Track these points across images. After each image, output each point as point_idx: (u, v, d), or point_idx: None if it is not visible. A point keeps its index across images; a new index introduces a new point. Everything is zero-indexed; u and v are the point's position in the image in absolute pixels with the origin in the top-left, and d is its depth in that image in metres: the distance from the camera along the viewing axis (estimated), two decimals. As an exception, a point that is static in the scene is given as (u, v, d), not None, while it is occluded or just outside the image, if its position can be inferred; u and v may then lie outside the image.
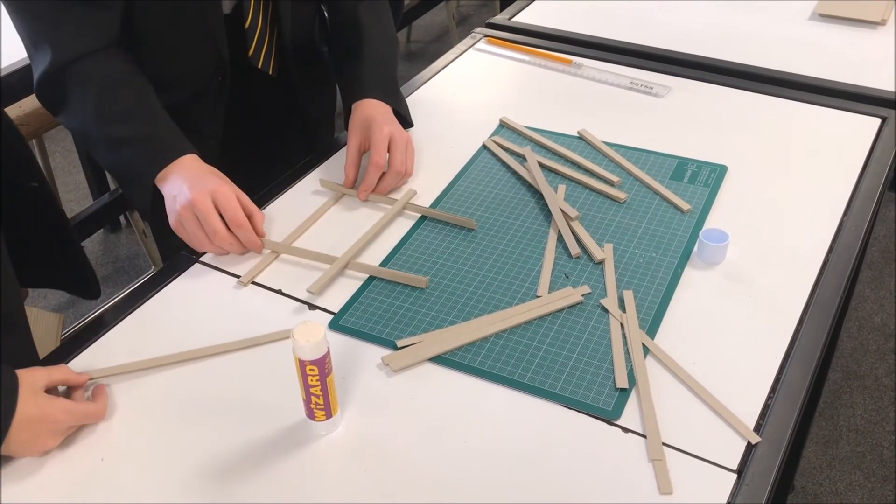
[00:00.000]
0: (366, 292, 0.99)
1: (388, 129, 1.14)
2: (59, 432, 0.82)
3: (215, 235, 1.02)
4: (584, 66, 1.45)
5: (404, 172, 1.15)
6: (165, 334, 0.95)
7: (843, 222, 1.08)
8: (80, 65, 1.06)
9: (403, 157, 1.14)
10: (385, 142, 1.14)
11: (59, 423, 0.81)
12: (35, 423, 0.79)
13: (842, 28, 1.52)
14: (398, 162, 1.14)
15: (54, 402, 0.82)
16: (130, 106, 1.08)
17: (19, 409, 0.78)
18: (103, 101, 1.06)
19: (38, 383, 0.82)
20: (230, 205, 1.02)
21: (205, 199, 1.01)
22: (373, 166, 1.13)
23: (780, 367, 0.88)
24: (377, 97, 1.20)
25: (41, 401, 0.80)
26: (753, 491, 0.76)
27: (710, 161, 1.19)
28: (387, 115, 1.18)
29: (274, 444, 0.82)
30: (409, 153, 1.17)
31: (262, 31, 1.19)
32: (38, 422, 0.80)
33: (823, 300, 0.96)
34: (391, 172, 1.14)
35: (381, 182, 1.15)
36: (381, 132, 1.14)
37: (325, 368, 0.78)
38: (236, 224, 1.02)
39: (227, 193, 1.02)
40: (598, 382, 0.87)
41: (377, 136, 1.14)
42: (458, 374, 0.89)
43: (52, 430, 0.81)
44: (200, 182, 1.02)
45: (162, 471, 0.80)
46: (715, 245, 1.00)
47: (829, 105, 1.31)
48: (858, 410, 2.06)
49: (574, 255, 1.03)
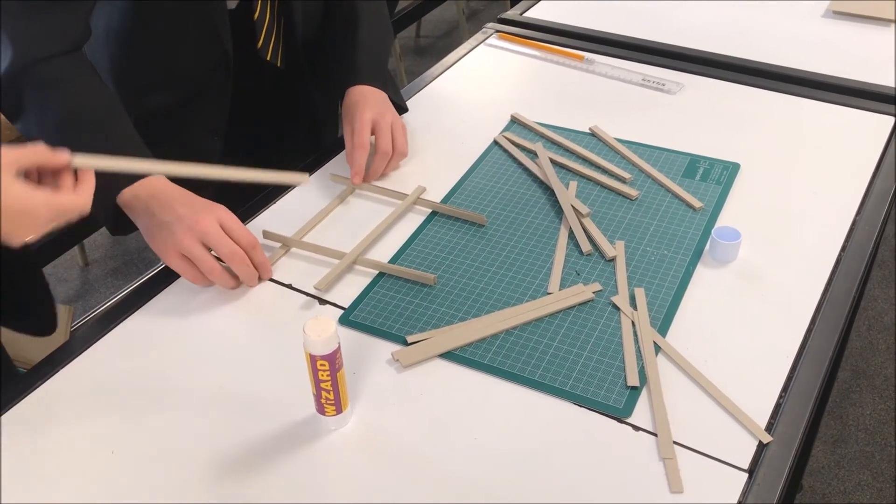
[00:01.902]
0: (376, 288, 0.99)
1: (370, 114, 1.15)
2: (40, 226, 0.75)
3: (233, 257, 0.96)
4: (595, 62, 1.44)
5: (390, 153, 1.15)
6: (176, 328, 0.95)
7: (855, 221, 1.07)
8: (41, 67, 0.97)
9: (388, 139, 1.15)
10: (366, 125, 1.14)
11: (38, 217, 0.73)
12: (11, 214, 0.71)
13: (855, 26, 1.51)
14: (382, 143, 1.14)
15: (33, 194, 0.73)
16: (96, 117, 1.00)
17: None
18: (67, 109, 0.98)
19: (11, 167, 0.72)
20: (239, 228, 0.97)
21: (214, 225, 0.95)
22: (357, 148, 1.14)
23: (792, 367, 0.88)
24: (367, 82, 1.20)
25: (17, 190, 0.71)
26: (765, 490, 0.76)
27: (723, 159, 1.18)
28: (374, 99, 1.18)
29: (284, 439, 0.82)
30: (398, 133, 1.17)
31: (271, 23, 1.19)
32: (15, 214, 0.72)
33: (836, 299, 0.96)
34: (377, 155, 1.15)
35: (371, 166, 1.15)
36: (361, 118, 1.14)
37: (336, 363, 0.78)
38: (250, 245, 0.98)
39: (233, 218, 0.98)
40: (609, 380, 0.87)
41: (357, 123, 1.15)
42: (468, 370, 0.89)
43: (33, 223, 0.74)
44: (203, 210, 0.96)
45: (172, 464, 0.80)
46: (727, 243, 1.00)
47: (843, 103, 1.30)
48: (867, 410, 2.06)
49: (585, 252, 1.03)
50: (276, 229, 1.08)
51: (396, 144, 1.17)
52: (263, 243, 1.06)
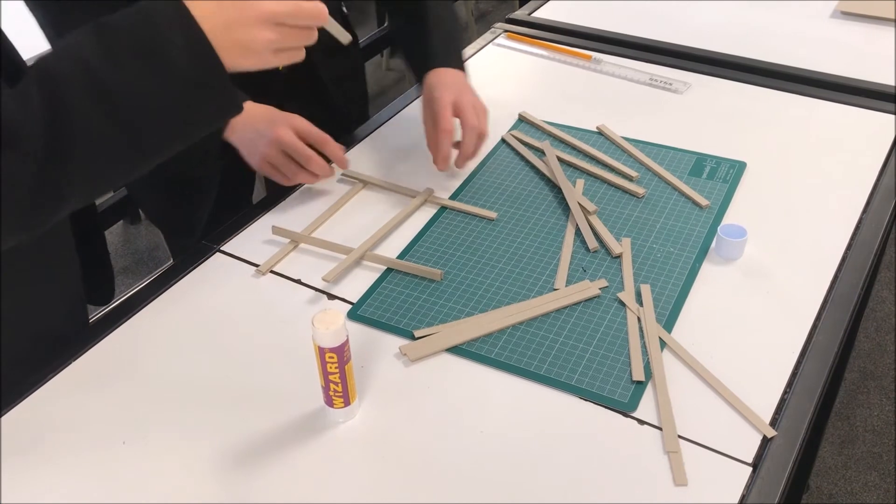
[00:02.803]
0: (384, 283, 1.00)
1: (450, 96, 1.12)
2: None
3: (309, 160, 1.09)
4: (603, 61, 1.45)
5: (479, 129, 1.13)
6: (186, 322, 0.96)
7: (861, 220, 1.07)
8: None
9: (473, 115, 1.12)
10: (448, 108, 1.12)
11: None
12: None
13: (863, 26, 1.52)
14: (469, 120, 1.12)
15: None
16: None
17: None
18: None
19: None
20: (310, 129, 1.09)
21: (288, 132, 1.07)
22: (442, 133, 1.11)
23: (797, 363, 0.88)
24: (444, 65, 1.18)
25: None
26: (768, 484, 0.77)
27: (729, 157, 1.19)
28: (452, 80, 1.16)
29: (292, 431, 0.83)
30: (481, 114, 1.14)
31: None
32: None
33: (841, 296, 0.96)
34: (465, 133, 1.12)
35: (462, 147, 1.13)
36: (441, 101, 1.12)
37: (344, 356, 0.79)
38: (322, 141, 1.10)
39: (304, 122, 1.09)
40: (615, 375, 0.87)
41: (438, 106, 1.12)
42: (474, 364, 0.90)
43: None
44: (276, 121, 1.09)
45: (180, 455, 0.81)
46: (733, 240, 1.01)
47: (849, 102, 1.30)
48: (875, 411, 2.05)
49: (592, 248, 1.03)
50: (285, 225, 1.09)
51: (481, 124, 1.14)
52: (272, 239, 1.08)
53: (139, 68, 0.69)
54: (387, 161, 1.23)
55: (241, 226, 1.11)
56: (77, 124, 0.68)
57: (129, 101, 0.69)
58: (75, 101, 0.68)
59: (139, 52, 0.69)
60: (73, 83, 0.68)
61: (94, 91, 0.68)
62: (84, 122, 0.68)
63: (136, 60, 0.69)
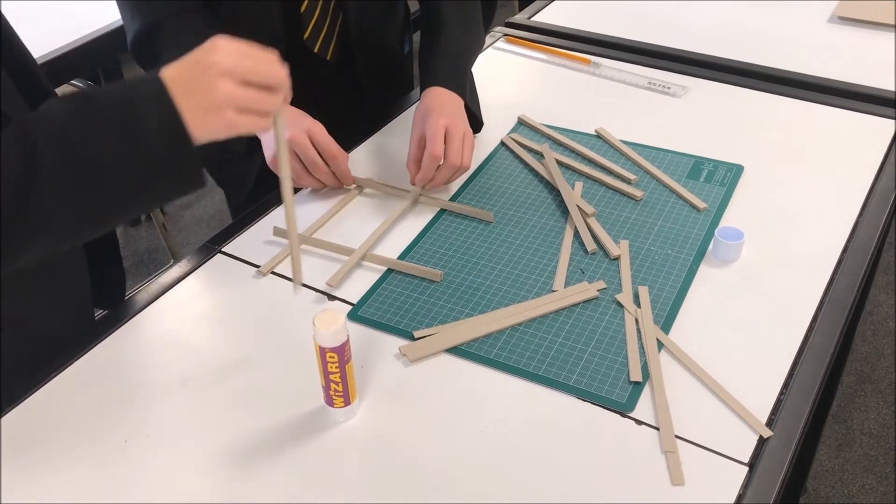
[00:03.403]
0: (384, 283, 1.01)
1: (445, 121, 1.13)
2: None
3: (314, 166, 1.12)
4: (602, 65, 1.46)
5: (459, 166, 1.13)
6: (188, 322, 0.97)
7: (857, 223, 1.08)
8: (171, 22, 1.14)
9: (459, 149, 1.13)
10: (440, 133, 1.12)
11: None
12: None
13: (861, 31, 1.53)
14: (453, 154, 1.12)
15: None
16: None
17: None
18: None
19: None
20: (325, 140, 1.12)
21: (302, 135, 1.11)
22: (428, 157, 1.12)
23: (793, 364, 0.89)
24: (445, 86, 1.18)
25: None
26: (765, 484, 0.77)
27: (727, 161, 1.20)
28: (450, 105, 1.16)
29: (293, 430, 0.84)
30: (467, 146, 1.15)
31: (322, 15, 1.21)
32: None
33: (837, 298, 0.97)
34: (445, 165, 1.13)
35: (436, 175, 1.14)
36: (436, 123, 1.12)
37: (345, 356, 0.80)
38: (331, 155, 1.13)
39: (321, 130, 1.12)
40: (613, 375, 0.88)
41: (431, 129, 1.12)
42: (474, 364, 0.90)
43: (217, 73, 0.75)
44: (296, 122, 1.12)
45: (181, 453, 0.82)
46: (730, 243, 1.01)
47: (846, 107, 1.31)
48: (872, 414, 2.06)
49: (590, 250, 1.04)
50: (285, 226, 1.09)
51: (464, 158, 1.14)
52: (273, 240, 1.09)
53: (113, 143, 0.72)
54: (387, 163, 1.24)
55: (243, 227, 1.12)
56: (46, 188, 0.71)
57: (99, 173, 0.72)
58: (47, 166, 0.71)
59: (115, 128, 0.72)
60: (48, 149, 0.71)
61: (67, 159, 0.71)
62: (52, 187, 0.71)
63: (111, 135, 0.72)
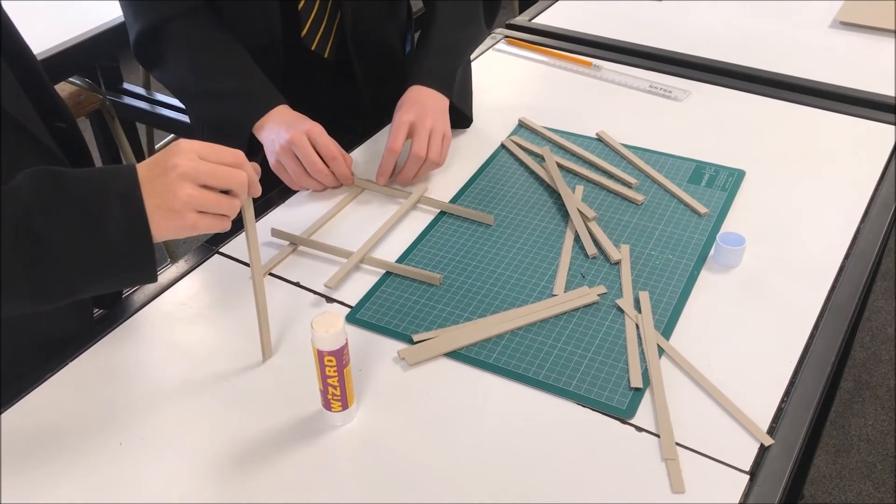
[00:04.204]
0: (383, 287, 1.00)
1: (410, 116, 1.13)
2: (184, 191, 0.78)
3: (313, 167, 1.12)
4: (603, 68, 1.45)
5: (423, 159, 1.14)
6: (185, 323, 0.96)
7: (859, 229, 1.08)
8: (175, 23, 1.15)
9: (423, 143, 1.13)
10: (402, 128, 1.13)
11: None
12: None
13: (863, 36, 1.52)
14: (415, 147, 1.13)
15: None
16: (226, 61, 1.16)
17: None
18: (200, 56, 1.16)
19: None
20: (324, 141, 1.12)
21: (301, 137, 1.11)
22: (386, 152, 1.14)
23: (795, 371, 0.89)
24: (428, 84, 1.19)
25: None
26: (766, 493, 0.77)
27: (728, 165, 1.19)
28: (427, 102, 1.16)
29: (290, 434, 0.83)
30: (436, 141, 1.15)
31: (320, 13, 1.21)
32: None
33: (839, 305, 0.97)
34: (410, 158, 1.14)
35: (402, 169, 1.15)
36: (399, 119, 1.14)
37: (343, 360, 0.79)
38: (330, 157, 1.12)
39: (321, 132, 1.12)
40: (613, 381, 0.87)
41: (394, 123, 1.14)
42: (473, 369, 0.90)
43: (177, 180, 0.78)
44: (296, 124, 1.12)
45: (177, 456, 0.81)
46: (732, 248, 1.01)
47: (848, 112, 1.31)
48: (870, 420, 2.06)
49: (591, 255, 1.03)
50: (285, 227, 1.09)
51: (430, 152, 1.14)
52: (271, 241, 1.08)
53: (74, 229, 0.74)
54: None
55: (240, 227, 1.11)
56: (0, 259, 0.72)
57: (55, 261, 0.74)
58: (4, 243, 0.72)
59: (79, 222, 0.74)
60: (8, 226, 0.72)
61: (26, 236, 0.73)
62: (7, 260, 0.72)
63: (75, 230, 0.74)
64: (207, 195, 0.78)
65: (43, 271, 0.74)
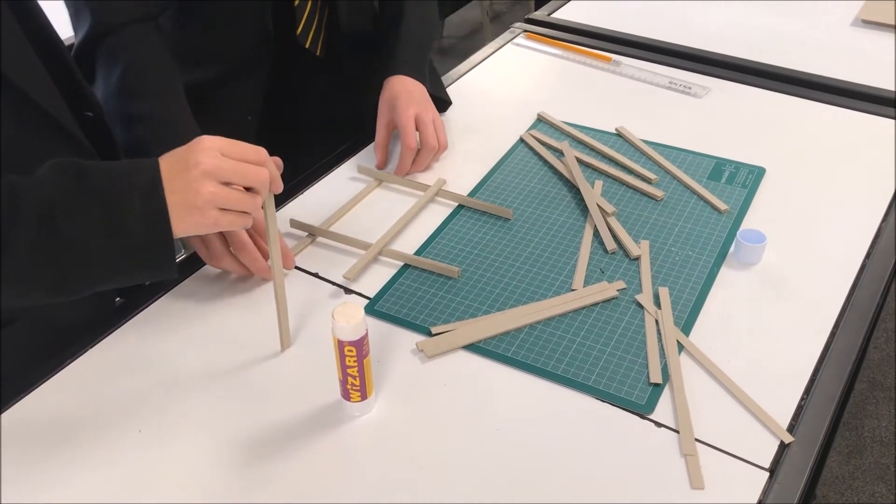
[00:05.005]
0: (401, 279, 1.00)
1: (413, 110, 1.16)
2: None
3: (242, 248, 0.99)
4: (623, 64, 1.45)
5: (437, 147, 1.17)
6: (202, 313, 0.96)
7: (881, 228, 1.07)
8: (114, 37, 1.05)
9: (433, 133, 1.16)
10: (411, 123, 1.15)
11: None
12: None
13: (885, 34, 1.51)
14: (428, 138, 1.16)
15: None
16: (152, 85, 1.06)
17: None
18: (128, 75, 1.05)
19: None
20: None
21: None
22: (405, 149, 1.15)
23: (815, 369, 0.88)
24: (409, 74, 1.21)
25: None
26: (785, 490, 0.76)
27: (749, 163, 1.19)
28: (414, 93, 1.19)
29: (308, 423, 0.83)
30: (439, 128, 1.18)
31: (313, 11, 1.20)
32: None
33: (860, 305, 0.96)
34: (424, 149, 1.16)
35: (416, 160, 1.17)
36: (405, 114, 1.16)
37: (363, 350, 0.79)
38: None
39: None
40: (632, 377, 0.87)
41: (402, 119, 1.16)
42: (491, 362, 0.89)
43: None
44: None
45: (195, 444, 0.81)
46: (752, 245, 1.00)
47: (869, 111, 1.30)
48: (883, 422, 2.05)
49: (610, 250, 1.03)
50: (303, 218, 1.09)
51: (439, 139, 1.18)
52: (290, 232, 1.08)
53: (95, 222, 0.74)
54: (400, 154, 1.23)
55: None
56: (18, 249, 0.72)
57: (74, 247, 0.74)
58: (24, 231, 0.72)
59: (101, 218, 0.74)
60: (31, 214, 0.72)
61: (47, 228, 0.73)
62: (24, 249, 0.72)
63: (95, 227, 0.74)
64: (230, 193, 0.78)
65: (62, 264, 0.74)
